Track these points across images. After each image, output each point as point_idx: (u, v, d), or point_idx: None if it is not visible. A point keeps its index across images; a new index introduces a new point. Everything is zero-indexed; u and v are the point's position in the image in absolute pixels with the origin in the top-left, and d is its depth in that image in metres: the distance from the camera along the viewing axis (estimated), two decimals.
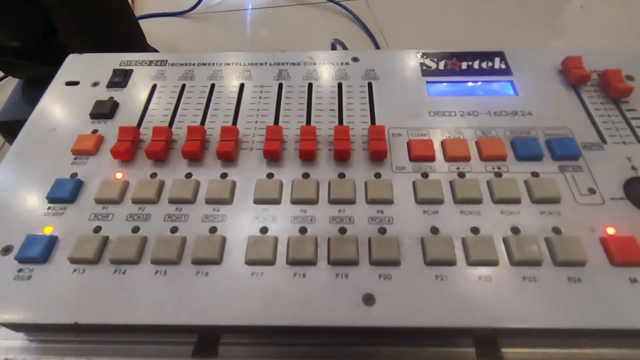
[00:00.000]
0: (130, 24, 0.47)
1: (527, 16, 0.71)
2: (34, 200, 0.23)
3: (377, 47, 0.64)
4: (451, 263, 0.20)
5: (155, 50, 0.56)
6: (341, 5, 0.72)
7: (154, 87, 0.29)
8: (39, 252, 0.20)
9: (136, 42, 0.48)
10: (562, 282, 0.19)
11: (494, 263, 0.20)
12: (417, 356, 0.22)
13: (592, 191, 0.22)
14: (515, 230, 0.21)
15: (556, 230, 0.21)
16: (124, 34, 0.46)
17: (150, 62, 0.30)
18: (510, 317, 0.19)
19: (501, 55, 0.29)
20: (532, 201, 0.22)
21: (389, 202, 0.22)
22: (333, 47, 0.44)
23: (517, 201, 0.22)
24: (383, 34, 0.67)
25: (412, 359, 0.21)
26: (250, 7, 0.75)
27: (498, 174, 0.23)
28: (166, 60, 0.30)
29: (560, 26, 0.70)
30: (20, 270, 0.20)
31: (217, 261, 0.20)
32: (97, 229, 0.22)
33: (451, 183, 0.23)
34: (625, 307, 0.19)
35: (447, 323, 0.19)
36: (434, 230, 0.21)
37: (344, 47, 0.47)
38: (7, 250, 0.21)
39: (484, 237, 0.21)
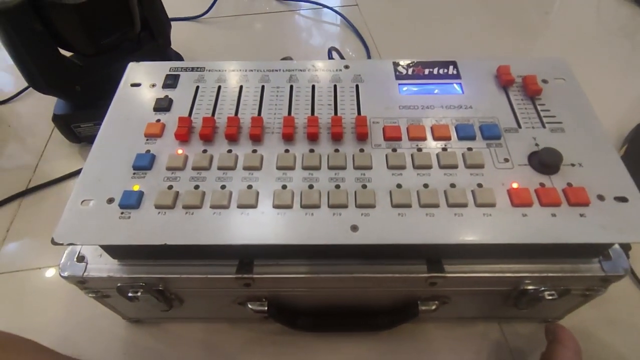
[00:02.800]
0: (165, 13, 0.58)
1: (502, 22, 0.81)
2: (122, 168, 0.33)
3: (366, 47, 0.74)
4: (408, 206, 0.30)
5: (178, 53, 0.65)
6: (336, 12, 0.81)
7: (197, 88, 0.39)
8: (134, 200, 0.31)
9: (168, 28, 0.59)
10: (479, 217, 0.30)
11: (436, 205, 0.30)
12: (386, 270, 0.32)
13: (506, 160, 0.33)
14: (452, 185, 0.32)
15: (479, 185, 0.31)
16: (164, 21, 0.56)
17: (193, 69, 0.40)
18: (445, 237, 0.29)
19: (454, 63, 0.40)
20: (465, 167, 0.32)
21: (369, 168, 0.32)
22: (329, 54, 0.54)
23: (455, 167, 0.32)
24: (372, 36, 0.77)
25: (382, 273, 0.32)
26: (253, 12, 0.84)
27: (444, 149, 0.34)
28: (204, 67, 0.40)
29: (529, 32, 0.80)
30: (122, 213, 0.30)
31: (254, 206, 0.31)
32: (170, 187, 0.32)
33: (412, 155, 0.33)
34: (519, 231, 0.29)
35: (405, 241, 0.29)
36: (399, 186, 0.32)
37: (338, 52, 0.57)
38: (110, 200, 0.31)
39: (431, 189, 0.31)
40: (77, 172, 0.55)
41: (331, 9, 0.82)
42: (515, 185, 0.31)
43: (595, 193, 0.30)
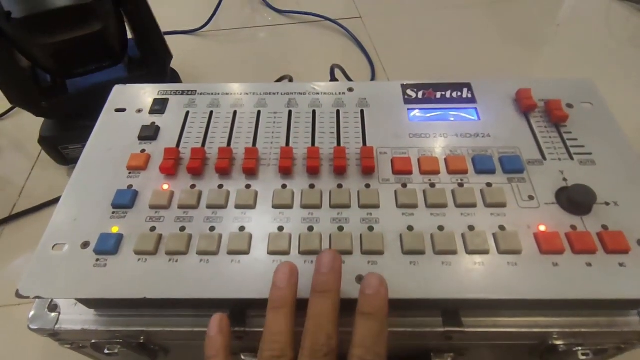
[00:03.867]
0: (165, 46, 0.54)
1: (509, 35, 0.77)
2: (100, 206, 0.30)
3: (370, 62, 0.71)
4: (422, 252, 0.27)
5: (174, 70, 0.62)
6: (338, 24, 0.78)
7: (187, 113, 0.35)
8: (111, 246, 0.27)
9: (167, 61, 0.55)
10: (503, 266, 0.26)
11: (453, 252, 0.27)
12: (398, 324, 0.29)
13: (531, 198, 0.29)
14: (471, 227, 0.28)
15: (501, 227, 0.28)
16: (162, 56, 0.53)
17: (183, 92, 0.37)
18: (465, 292, 0.25)
19: (468, 86, 0.36)
20: (485, 205, 0.29)
21: (376, 206, 0.29)
22: (331, 73, 0.51)
23: (473, 205, 0.29)
24: (376, 49, 0.74)
25: (391, 326, 0.28)
26: (254, 25, 0.81)
27: (460, 185, 0.30)
28: (195, 90, 0.37)
29: (540, 44, 0.76)
30: (97, 260, 0.27)
31: (246, 252, 0.27)
32: (153, 229, 0.28)
33: (424, 192, 0.30)
34: (550, 284, 0.25)
35: (418, 295, 0.25)
36: (410, 228, 0.28)
37: (342, 70, 0.54)
38: (86, 245, 0.28)
39: (447, 233, 0.27)
40: None
41: (334, 21, 0.79)
42: (543, 228, 0.28)
43: (635, 238, 0.27)
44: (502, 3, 0.85)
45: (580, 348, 0.28)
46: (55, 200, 0.52)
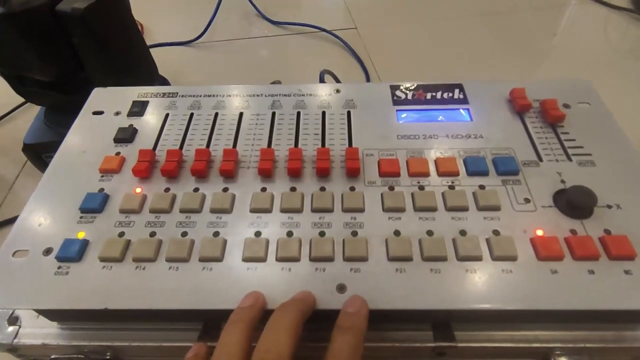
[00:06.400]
0: (145, 55, 0.53)
1: (507, 42, 0.77)
2: (68, 211, 0.28)
3: (366, 71, 0.70)
4: (409, 259, 0.25)
5: (164, 79, 0.62)
6: (334, 35, 0.78)
7: (167, 115, 0.34)
8: (74, 252, 0.25)
9: (151, 70, 0.53)
10: (497, 274, 0.24)
11: (443, 259, 0.25)
12: (385, 338, 0.26)
13: (527, 200, 0.27)
14: (462, 232, 0.26)
15: (495, 232, 0.26)
16: (140, 65, 0.51)
17: (164, 94, 0.36)
18: (455, 302, 0.23)
19: (460, 86, 0.35)
20: (477, 208, 0.27)
21: (361, 210, 0.27)
22: (321, 77, 0.50)
23: (465, 209, 0.27)
24: (371, 60, 0.73)
25: (377, 341, 0.26)
26: (249, 36, 0.81)
27: (451, 187, 0.28)
28: (177, 93, 0.36)
29: (537, 54, 0.76)
30: (59, 268, 0.25)
31: (219, 259, 0.25)
32: (121, 234, 0.27)
33: (412, 194, 0.28)
34: (549, 293, 0.23)
35: (404, 306, 0.23)
36: (397, 233, 0.26)
37: (333, 76, 0.53)
38: (48, 251, 0.26)
39: (436, 238, 0.25)
40: None
41: (329, 32, 0.79)
42: (540, 233, 0.25)
43: None
44: (499, 13, 0.84)
45: None
46: None
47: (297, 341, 0.21)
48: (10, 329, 0.27)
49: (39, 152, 0.50)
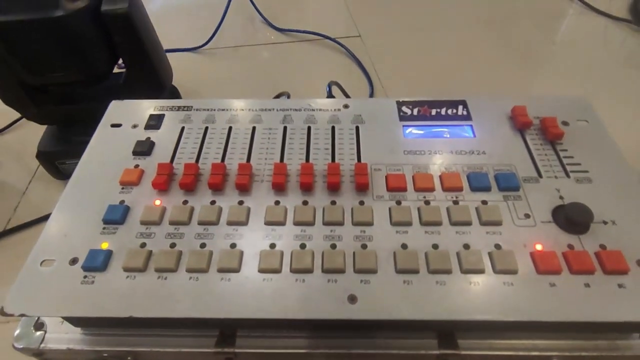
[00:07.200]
0: (165, 57, 0.54)
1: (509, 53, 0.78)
2: (91, 221, 0.29)
3: (370, 80, 0.71)
4: (415, 271, 0.26)
5: (175, 88, 0.63)
6: (338, 43, 0.79)
7: (182, 129, 0.35)
8: (100, 262, 0.27)
9: (170, 73, 0.55)
10: (499, 286, 0.25)
11: (448, 271, 0.26)
12: (391, 346, 0.28)
13: (527, 216, 0.29)
14: (466, 246, 0.27)
15: (497, 246, 0.27)
16: (164, 66, 0.53)
17: (179, 108, 0.37)
18: (459, 312, 0.25)
19: (464, 103, 0.36)
20: (480, 223, 0.28)
21: (370, 224, 0.29)
22: (329, 89, 0.51)
23: (468, 223, 0.28)
24: (375, 68, 0.74)
25: (384, 348, 0.27)
26: (255, 42, 0.83)
27: (455, 202, 0.30)
28: (192, 106, 0.37)
29: (536, 64, 0.77)
30: (85, 277, 0.26)
31: (236, 270, 0.26)
32: (143, 245, 0.28)
33: (418, 209, 0.29)
34: (547, 306, 0.25)
35: (412, 316, 0.25)
36: (404, 246, 0.27)
37: (340, 87, 0.54)
38: (74, 261, 0.27)
39: (441, 251, 0.27)
40: None
41: (333, 40, 0.80)
42: (539, 247, 0.27)
43: (634, 258, 0.26)
44: (500, 23, 0.86)
45: None
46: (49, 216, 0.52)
47: None
48: (37, 334, 0.28)
49: (52, 159, 0.52)
